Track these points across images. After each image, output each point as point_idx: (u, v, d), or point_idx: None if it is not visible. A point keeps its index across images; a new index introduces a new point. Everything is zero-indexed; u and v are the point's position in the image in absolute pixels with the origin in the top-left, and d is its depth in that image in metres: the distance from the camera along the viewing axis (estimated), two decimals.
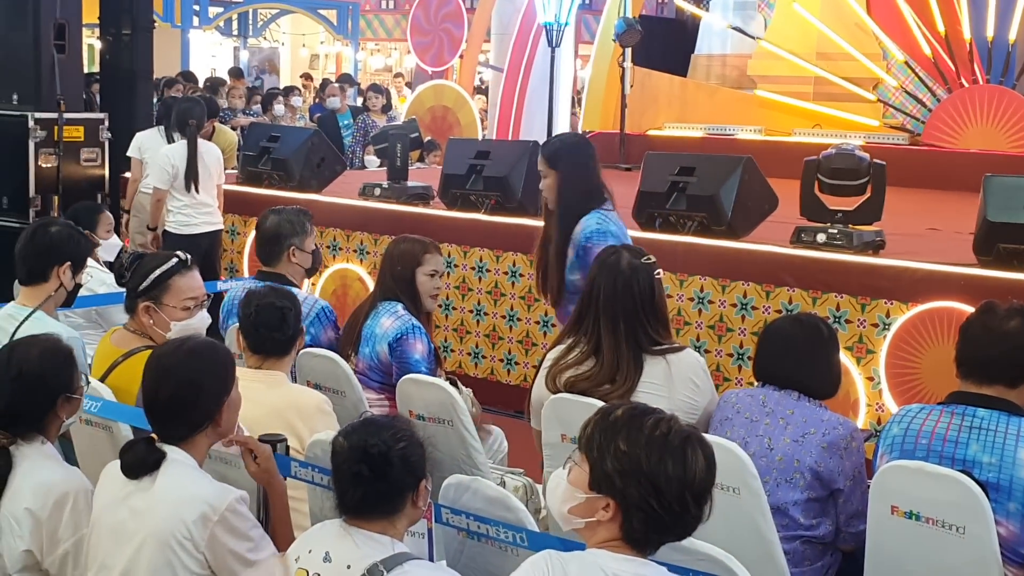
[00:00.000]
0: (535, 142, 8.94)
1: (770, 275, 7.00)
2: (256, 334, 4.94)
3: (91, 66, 16.20)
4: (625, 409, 3.14)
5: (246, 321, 4.97)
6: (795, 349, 4.72)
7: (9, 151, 10.10)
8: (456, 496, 3.98)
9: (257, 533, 3.80)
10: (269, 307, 4.96)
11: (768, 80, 14.37)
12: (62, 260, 5.51)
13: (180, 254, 5.15)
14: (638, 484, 3.01)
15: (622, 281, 4.90)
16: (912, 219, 8.79)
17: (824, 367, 4.74)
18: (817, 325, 4.84)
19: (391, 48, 34.66)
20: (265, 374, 4.91)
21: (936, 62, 13.07)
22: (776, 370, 4.73)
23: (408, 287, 6.05)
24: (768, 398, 4.66)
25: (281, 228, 6.46)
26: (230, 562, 3.71)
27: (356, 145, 14.78)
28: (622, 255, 4.98)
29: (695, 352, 5.22)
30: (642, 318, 4.89)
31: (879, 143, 12.37)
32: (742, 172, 7.32)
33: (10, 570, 3.97)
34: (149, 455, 3.79)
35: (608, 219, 6.11)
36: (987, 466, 4.11)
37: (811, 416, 4.56)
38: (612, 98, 14.66)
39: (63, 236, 5.65)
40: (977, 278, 6.37)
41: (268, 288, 5.29)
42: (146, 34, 11.38)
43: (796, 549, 4.49)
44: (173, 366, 3.88)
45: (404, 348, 5.82)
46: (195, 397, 3.85)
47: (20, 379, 4.05)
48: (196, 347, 3.98)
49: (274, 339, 4.95)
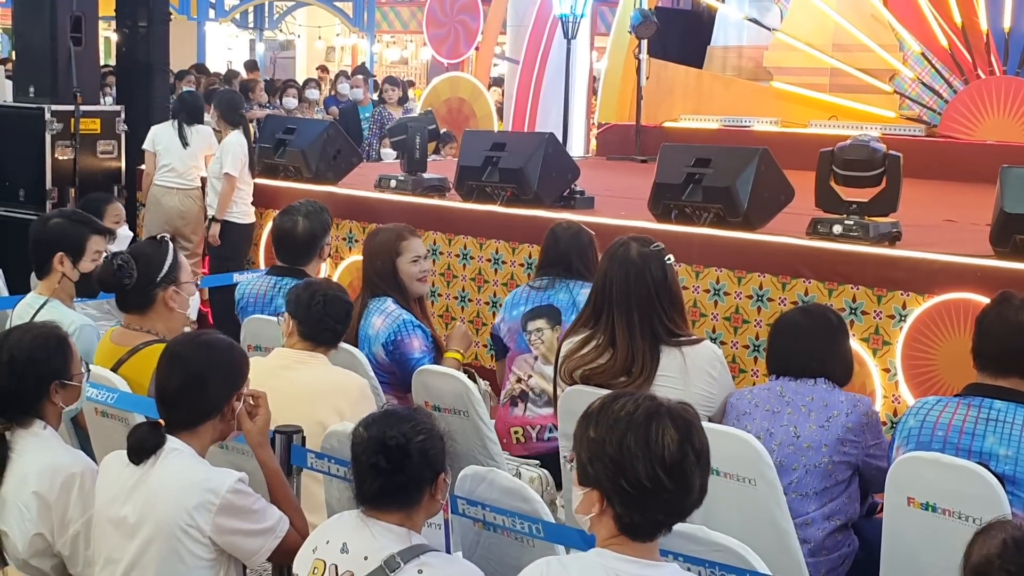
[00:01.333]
0: (551, 134, 8.95)
1: (786, 267, 6.98)
2: (319, 323, 5.08)
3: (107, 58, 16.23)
4: (602, 398, 3.14)
5: (308, 311, 5.08)
6: (806, 339, 4.76)
7: (26, 143, 10.11)
8: (472, 487, 3.99)
9: (260, 504, 3.87)
10: (337, 299, 5.16)
11: (784, 71, 14.33)
12: (56, 251, 5.66)
13: (159, 235, 5.28)
14: (604, 467, 2.99)
15: (634, 271, 4.90)
16: (928, 210, 8.77)
17: (836, 355, 4.78)
18: (825, 314, 4.88)
19: (407, 40, 34.68)
20: (311, 355, 5.07)
21: (953, 53, 13.01)
22: (789, 361, 4.76)
23: (392, 279, 6.04)
24: (785, 388, 4.69)
25: (315, 230, 6.49)
26: (239, 540, 3.80)
27: (372, 137, 14.78)
28: (631, 245, 4.97)
29: (712, 344, 5.22)
30: (657, 306, 4.87)
31: (895, 135, 12.31)
32: (758, 163, 7.30)
33: (23, 555, 4.00)
34: (150, 437, 3.83)
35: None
36: (1003, 458, 4.11)
37: (831, 399, 4.61)
38: (628, 90, 14.62)
39: (57, 228, 5.83)
40: (994, 269, 6.35)
41: (327, 281, 5.54)
42: (162, 26, 11.36)
43: (817, 537, 4.50)
44: (185, 355, 3.97)
45: (401, 350, 5.82)
46: (203, 387, 3.92)
47: (10, 364, 4.11)
48: (210, 340, 4.07)
49: (335, 330, 5.15)
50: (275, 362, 5.09)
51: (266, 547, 3.84)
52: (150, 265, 5.02)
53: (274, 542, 3.85)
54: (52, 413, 4.20)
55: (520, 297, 6.17)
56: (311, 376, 4.97)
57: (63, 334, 4.28)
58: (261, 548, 3.83)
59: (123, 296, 5.08)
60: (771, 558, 3.69)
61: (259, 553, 3.84)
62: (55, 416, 4.22)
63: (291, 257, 6.49)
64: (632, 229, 7.10)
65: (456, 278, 8.50)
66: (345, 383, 5.02)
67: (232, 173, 9.63)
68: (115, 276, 4.99)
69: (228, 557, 3.82)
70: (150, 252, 5.09)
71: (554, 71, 15.92)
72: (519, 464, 5.39)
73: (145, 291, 5.03)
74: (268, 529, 3.84)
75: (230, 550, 3.78)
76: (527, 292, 6.16)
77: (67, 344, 4.25)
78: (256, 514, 3.82)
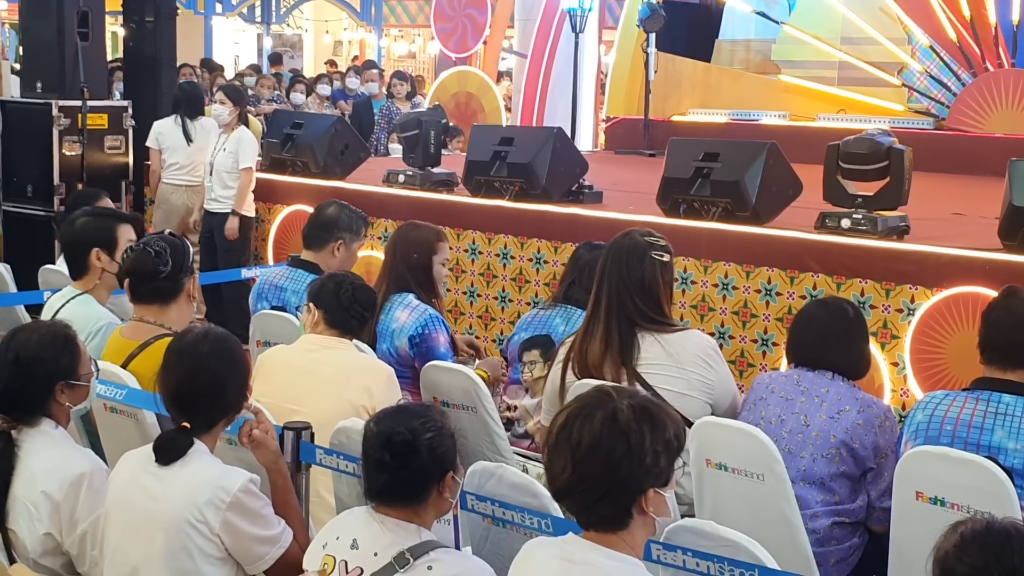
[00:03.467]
0: (559, 128, 8.94)
1: (794, 261, 6.98)
2: (348, 311, 5.15)
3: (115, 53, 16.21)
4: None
5: (337, 299, 5.14)
6: (823, 332, 4.78)
7: (33, 139, 10.13)
8: (481, 483, 3.99)
9: (268, 511, 3.85)
10: (364, 288, 5.29)
11: (792, 65, 14.31)
12: (90, 247, 5.64)
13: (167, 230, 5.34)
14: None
15: (613, 256, 4.99)
16: (937, 204, 8.75)
17: (853, 348, 4.79)
18: (842, 306, 4.90)
19: (414, 34, 34.63)
20: (339, 341, 5.13)
21: (961, 46, 12.99)
22: (807, 353, 4.79)
23: (425, 274, 6.06)
24: (802, 378, 4.71)
25: (339, 219, 6.52)
26: (245, 542, 3.78)
27: (380, 132, 14.75)
28: (630, 234, 5.05)
29: (703, 333, 5.28)
30: (628, 291, 4.92)
31: (904, 128, 12.29)
32: (766, 157, 7.30)
33: (33, 555, 4.00)
34: (185, 443, 3.83)
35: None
36: (1012, 452, 4.11)
37: (846, 395, 4.61)
38: (636, 84, 14.62)
39: (86, 225, 5.81)
40: (1002, 263, 6.34)
41: (348, 272, 5.57)
42: (169, 21, 11.37)
43: (826, 528, 4.51)
44: (206, 355, 3.93)
45: (428, 344, 5.83)
46: (223, 390, 3.93)
47: (16, 363, 4.09)
48: (220, 336, 4.04)
49: (363, 317, 5.23)
50: (303, 346, 5.16)
51: (269, 555, 3.80)
52: (181, 254, 5.04)
53: (277, 552, 3.81)
54: (60, 412, 4.18)
55: (527, 321, 6.19)
56: (341, 358, 5.05)
57: (71, 333, 4.25)
58: (264, 556, 3.80)
59: (152, 285, 4.99)
60: (780, 552, 3.69)
61: (262, 560, 3.80)
62: (63, 415, 4.20)
63: (309, 238, 6.58)
64: (641, 224, 7.12)
65: (465, 273, 8.50)
66: (375, 366, 5.12)
67: (250, 166, 9.67)
68: (153, 262, 4.94)
69: (235, 561, 3.81)
70: (176, 242, 5.10)
71: (562, 65, 15.88)
72: (526, 460, 5.39)
73: (177, 279, 5.02)
74: (273, 538, 3.82)
75: (234, 552, 3.77)
76: (534, 315, 6.18)
77: (74, 343, 4.21)
78: (263, 519, 3.81)
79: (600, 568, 3.02)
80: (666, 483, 3.06)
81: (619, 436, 2.99)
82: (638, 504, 3.03)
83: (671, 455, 3.05)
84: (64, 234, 5.91)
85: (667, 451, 3.03)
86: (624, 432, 2.99)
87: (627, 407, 3.03)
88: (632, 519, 3.04)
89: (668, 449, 3.04)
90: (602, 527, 3.07)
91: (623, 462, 2.99)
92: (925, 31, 13.21)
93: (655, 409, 3.08)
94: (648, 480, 3.01)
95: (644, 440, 2.99)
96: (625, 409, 3.03)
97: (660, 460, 3.02)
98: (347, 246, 6.52)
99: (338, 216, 6.55)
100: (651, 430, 3.01)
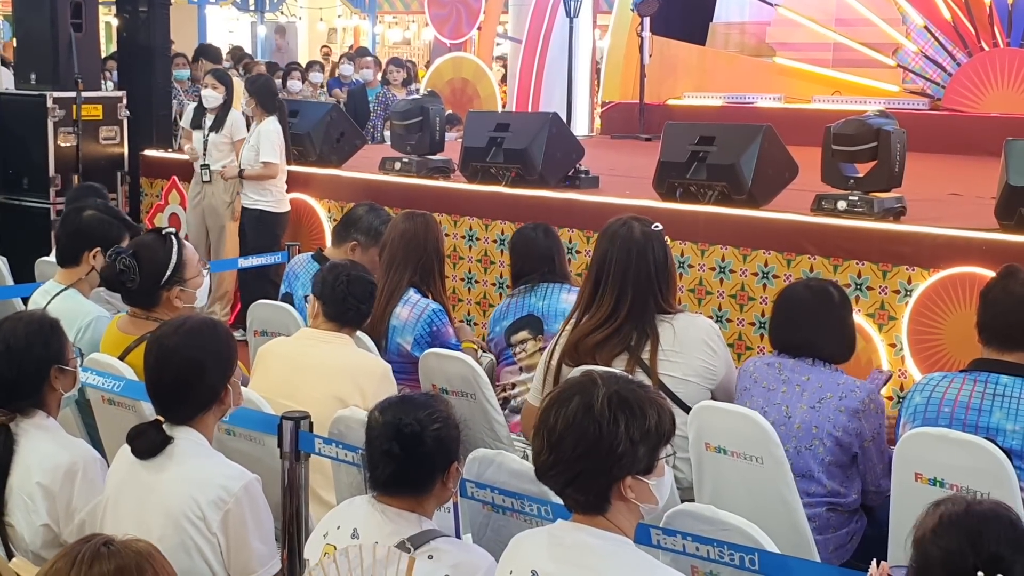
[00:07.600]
0: (555, 113, 8.94)
1: (791, 243, 6.98)
2: (343, 303, 5.09)
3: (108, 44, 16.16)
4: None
5: (333, 291, 5.09)
6: (806, 314, 4.74)
7: (28, 131, 10.12)
8: (481, 470, 3.99)
9: (267, 517, 3.81)
10: (360, 279, 5.16)
11: (787, 47, 14.30)
12: (91, 245, 5.62)
13: (163, 228, 5.23)
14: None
15: (637, 250, 4.90)
16: (933, 184, 8.76)
17: (837, 330, 4.75)
18: (827, 288, 4.85)
19: (409, 21, 34.61)
20: (336, 336, 5.07)
21: (956, 26, 12.97)
22: (790, 336, 4.76)
23: (440, 266, 6.06)
24: (783, 366, 4.68)
25: (360, 220, 6.47)
26: (240, 545, 3.72)
27: (376, 119, 14.74)
28: (633, 225, 4.97)
29: (705, 317, 5.26)
30: (655, 286, 4.88)
31: (899, 108, 12.25)
32: (762, 140, 7.30)
33: (32, 547, 3.99)
34: (157, 438, 3.80)
35: None
36: (1011, 433, 4.12)
37: (827, 381, 4.58)
38: (631, 68, 14.60)
39: (93, 221, 5.74)
40: (999, 243, 6.34)
41: (352, 262, 5.47)
42: (163, 10, 11.33)
43: (821, 516, 4.51)
44: (174, 347, 3.88)
45: (440, 340, 5.81)
46: (199, 377, 3.86)
47: (8, 353, 4.07)
48: (196, 326, 3.96)
49: (359, 310, 5.14)
50: (300, 340, 5.15)
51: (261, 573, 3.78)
52: (154, 265, 4.95)
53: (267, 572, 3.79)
54: (52, 400, 4.17)
55: (501, 312, 6.14)
56: (336, 353, 5.00)
57: (54, 320, 4.25)
58: (255, 572, 3.76)
59: (127, 294, 5.04)
60: (779, 535, 3.70)
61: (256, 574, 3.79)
62: (55, 403, 4.19)
63: (335, 234, 6.66)
64: (637, 208, 7.12)
65: (462, 260, 8.50)
66: (370, 364, 5.07)
67: (273, 161, 9.42)
68: (118, 278, 4.94)
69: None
70: (154, 251, 5.00)
71: (557, 50, 15.86)
72: (525, 446, 5.39)
73: (149, 293, 4.99)
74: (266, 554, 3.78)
75: (227, 556, 3.72)
76: (507, 304, 6.12)
77: (59, 329, 4.21)
78: (262, 526, 3.78)
79: (588, 547, 3.03)
80: (648, 470, 3.05)
81: (591, 423, 3.00)
82: (616, 490, 3.03)
83: (651, 443, 3.04)
84: (68, 223, 5.81)
85: (646, 439, 3.02)
86: (596, 419, 3.00)
87: (605, 394, 3.03)
88: (611, 504, 3.05)
89: (647, 437, 3.02)
90: (585, 510, 3.08)
91: (593, 449, 3.00)
92: (920, 11, 13.18)
93: (635, 397, 3.06)
94: (622, 468, 3.01)
95: (618, 428, 2.99)
96: (603, 396, 3.03)
97: (638, 448, 3.01)
98: (363, 249, 6.38)
99: (360, 218, 6.48)
100: (628, 418, 3.01)
